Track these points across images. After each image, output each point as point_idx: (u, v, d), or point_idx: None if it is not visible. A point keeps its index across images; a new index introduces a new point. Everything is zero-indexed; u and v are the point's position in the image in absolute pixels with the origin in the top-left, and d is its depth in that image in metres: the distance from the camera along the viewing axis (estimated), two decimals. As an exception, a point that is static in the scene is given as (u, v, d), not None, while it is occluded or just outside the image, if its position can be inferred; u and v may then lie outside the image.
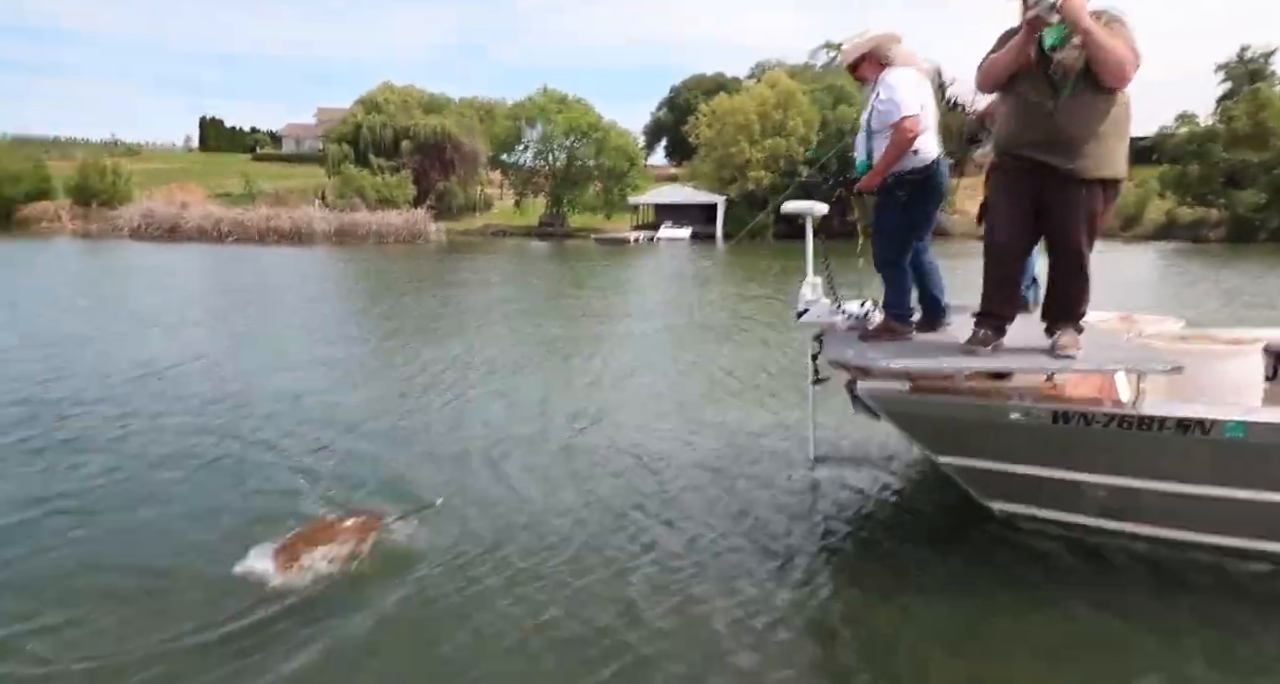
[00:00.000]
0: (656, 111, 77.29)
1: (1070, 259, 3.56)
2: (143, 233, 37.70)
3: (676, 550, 3.88)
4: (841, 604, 3.46)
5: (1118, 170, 3.46)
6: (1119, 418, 3.42)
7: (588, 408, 6.59)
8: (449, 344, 9.70)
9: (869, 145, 4.06)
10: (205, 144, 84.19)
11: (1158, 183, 43.93)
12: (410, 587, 3.45)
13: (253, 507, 4.36)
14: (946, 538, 4.04)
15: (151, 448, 5.41)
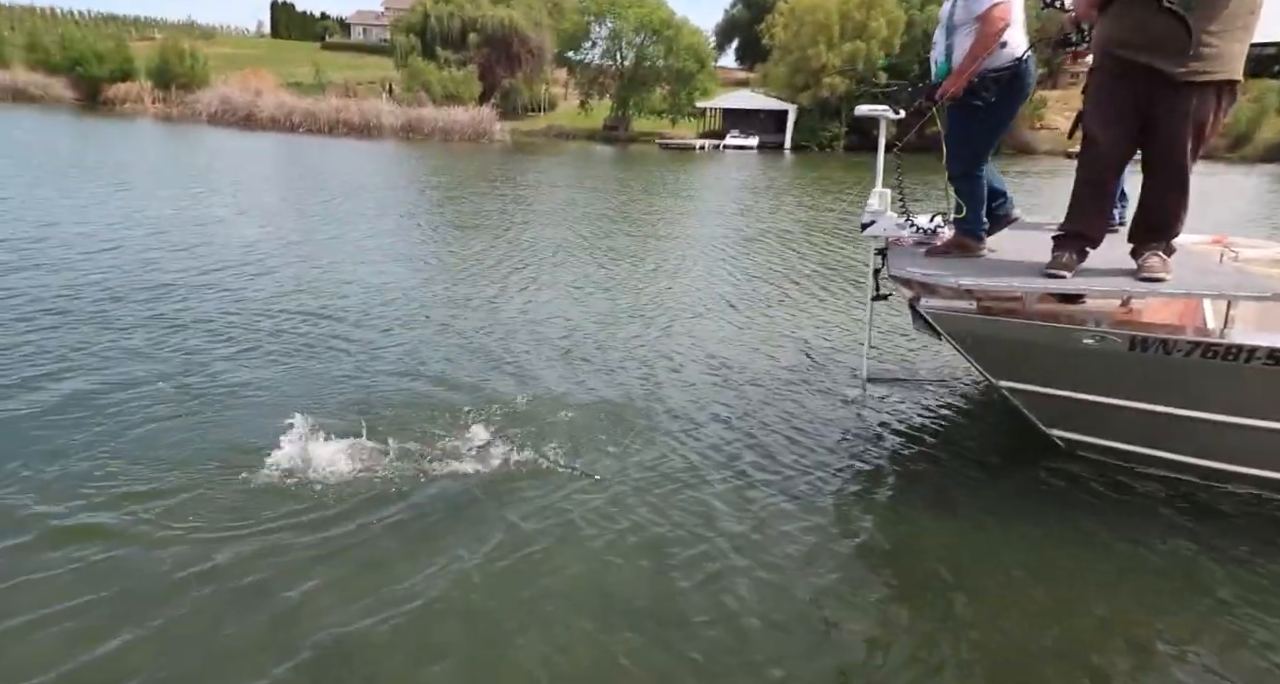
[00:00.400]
0: (731, 8, 73.36)
1: (1171, 172, 3.23)
2: (219, 119, 38.65)
3: (709, 461, 3.89)
4: (873, 532, 3.39)
5: (1234, 71, 3.08)
6: (1204, 346, 3.15)
7: (654, 315, 6.71)
8: (521, 247, 9.93)
9: (948, 42, 3.72)
10: (276, 29, 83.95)
11: (1277, 97, 40.23)
12: (483, 490, 3.53)
13: (342, 395, 4.61)
14: (1000, 465, 3.93)
15: (253, 333, 5.71)
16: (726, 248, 10.52)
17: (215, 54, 55.00)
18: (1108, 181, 3.46)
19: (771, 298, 7.59)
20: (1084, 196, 3.47)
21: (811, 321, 6.66)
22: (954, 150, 3.84)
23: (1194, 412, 3.46)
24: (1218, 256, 4.06)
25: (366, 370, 5.10)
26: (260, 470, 3.65)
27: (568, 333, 6.08)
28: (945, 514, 3.51)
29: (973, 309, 3.57)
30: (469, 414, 4.31)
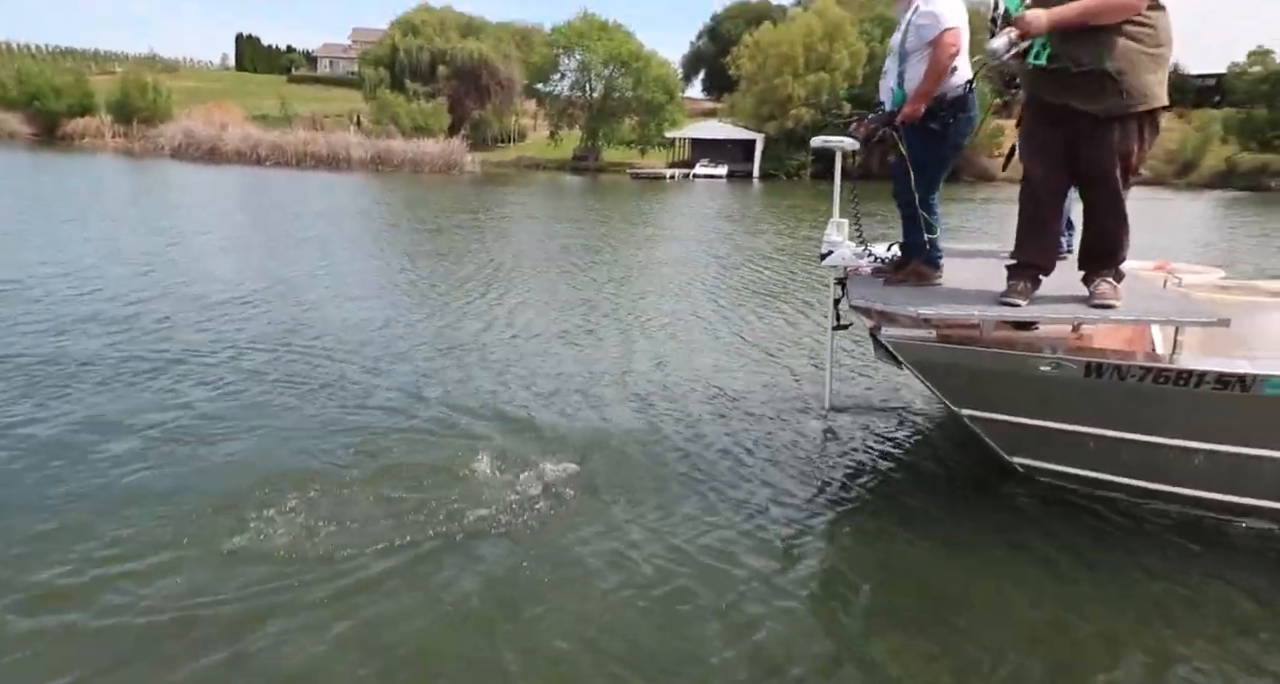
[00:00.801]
0: (696, 41, 74.87)
1: (1106, 202, 3.38)
2: (183, 153, 38.08)
3: (682, 496, 3.82)
4: (843, 561, 3.40)
5: (1153, 102, 3.20)
6: (1156, 372, 3.25)
7: (630, 348, 6.66)
8: (503, 280, 9.84)
9: (900, 69, 3.80)
10: (241, 63, 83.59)
11: (1220, 126, 41.96)
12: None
13: (336, 438, 4.43)
14: (963, 493, 3.92)
15: (243, 374, 5.54)
16: (699, 278, 10.53)
17: (179, 88, 54.45)
18: (1048, 213, 3.57)
19: (742, 328, 7.57)
20: (1029, 228, 3.58)
21: (780, 350, 6.64)
22: (907, 175, 3.87)
23: (1149, 436, 3.51)
24: (1161, 282, 4.15)
25: (362, 410, 4.93)
26: (252, 521, 3.44)
27: (552, 368, 5.96)
28: (914, 544, 3.48)
29: (932, 338, 3.62)
30: (461, 452, 4.20)
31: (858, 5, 48.39)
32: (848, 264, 4.36)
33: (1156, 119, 3.28)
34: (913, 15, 3.78)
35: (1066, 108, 3.26)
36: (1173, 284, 4.16)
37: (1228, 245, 15.54)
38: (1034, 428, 3.71)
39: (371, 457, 4.15)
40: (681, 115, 52.40)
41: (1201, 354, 3.57)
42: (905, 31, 3.80)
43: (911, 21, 3.77)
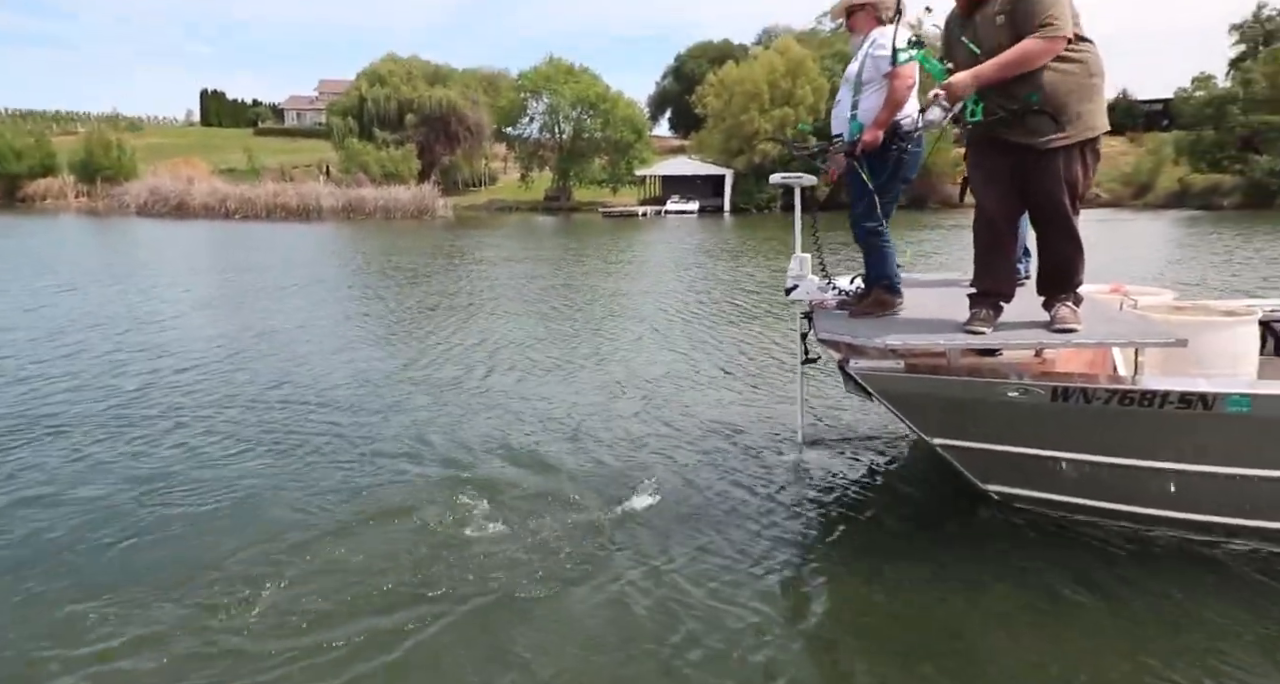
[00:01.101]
0: (661, 81, 76.36)
1: (1058, 229, 3.45)
2: (149, 209, 37.62)
3: (658, 533, 3.82)
4: (826, 594, 3.37)
5: (1093, 130, 3.33)
6: (1120, 393, 3.30)
7: (596, 386, 6.66)
8: (488, 323, 9.75)
9: (854, 98, 3.87)
10: (206, 118, 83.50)
11: (1172, 149, 43.35)
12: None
13: (336, 493, 4.37)
14: (939, 523, 3.91)
15: (239, 428, 5.49)
16: (676, 314, 10.50)
17: (143, 145, 54.16)
18: (1004, 241, 3.63)
19: (719, 360, 7.57)
20: (986, 257, 3.65)
21: (753, 386, 6.63)
22: (864, 206, 3.91)
23: (1118, 458, 3.52)
24: (1118, 305, 4.19)
25: (355, 463, 4.83)
26: (260, 590, 3.32)
27: (537, 412, 5.91)
28: (893, 578, 3.45)
29: (900, 368, 3.63)
30: (452, 502, 4.16)
31: (817, 43, 49.77)
32: (813, 298, 4.37)
33: (1097, 145, 3.38)
34: (869, 47, 3.83)
35: (1008, 141, 3.36)
36: (1128, 306, 4.21)
37: (1194, 265, 15.83)
38: (1005, 454, 3.72)
39: (363, 510, 4.11)
40: (650, 153, 53.11)
41: (1161, 374, 3.64)
42: (862, 62, 3.85)
43: (869, 53, 3.82)
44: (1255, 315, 3.99)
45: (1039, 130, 3.26)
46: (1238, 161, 38.75)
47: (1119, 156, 55.80)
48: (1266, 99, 37.82)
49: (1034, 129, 3.27)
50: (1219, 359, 3.75)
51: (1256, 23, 60.59)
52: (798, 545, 3.75)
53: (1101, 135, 3.37)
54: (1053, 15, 3.14)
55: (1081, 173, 3.35)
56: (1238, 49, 61.30)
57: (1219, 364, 3.74)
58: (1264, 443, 3.30)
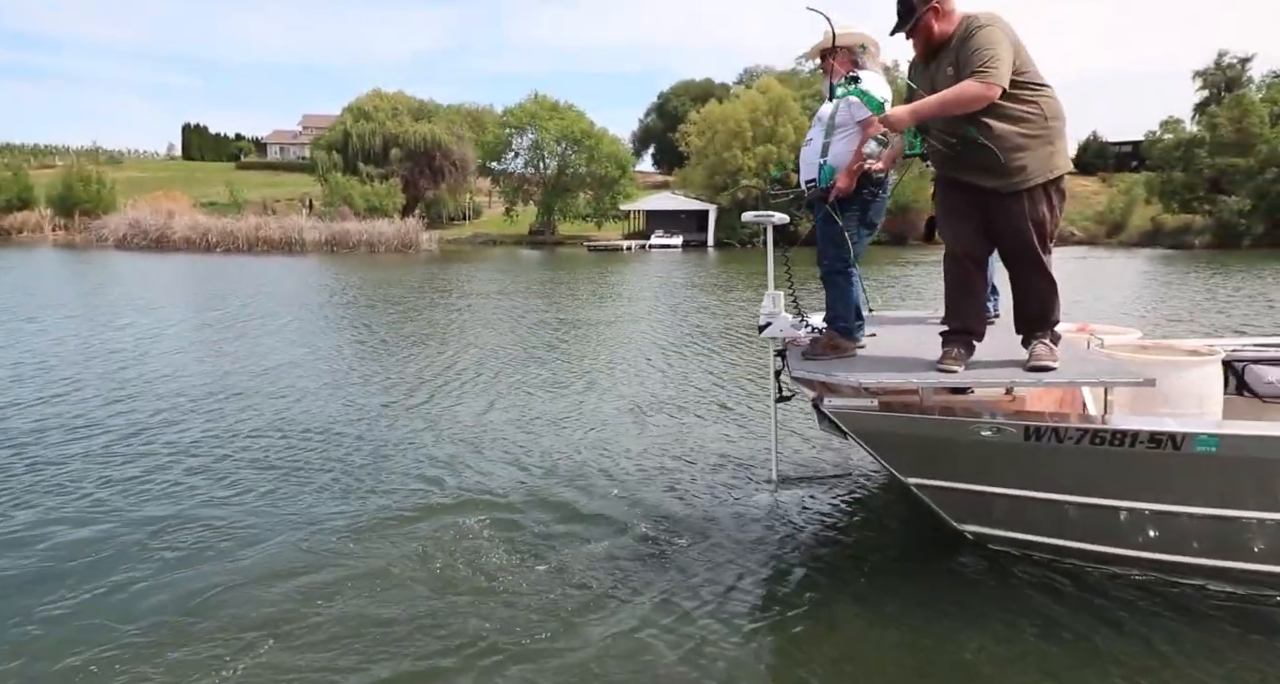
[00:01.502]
0: (645, 118, 77.56)
1: (1030, 269, 3.47)
2: (128, 243, 37.14)
3: (630, 576, 3.79)
4: (802, 636, 3.32)
5: (1055, 171, 3.38)
6: (1091, 433, 3.31)
7: (565, 422, 6.65)
8: (477, 358, 9.67)
9: (826, 141, 3.88)
10: (188, 152, 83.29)
11: (1143, 189, 44.57)
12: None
13: (332, 523, 4.39)
14: (915, 565, 3.88)
15: (237, 464, 5.48)
16: (661, 347, 10.49)
17: (123, 178, 53.78)
18: (972, 280, 3.65)
19: (694, 399, 7.56)
20: (957, 296, 3.67)
21: (731, 422, 6.63)
22: (833, 248, 3.93)
23: (1091, 498, 3.52)
24: (1085, 344, 4.21)
25: (363, 499, 4.83)
26: (266, 636, 3.26)
27: (522, 444, 6.04)
28: (869, 621, 3.43)
29: (874, 407, 3.62)
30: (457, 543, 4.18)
31: (798, 83, 50.87)
32: (786, 335, 4.35)
33: (1061, 185, 3.42)
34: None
35: (972, 184, 3.39)
36: (1095, 345, 4.22)
37: (1178, 303, 16.07)
38: (979, 494, 3.70)
39: (362, 547, 4.10)
40: (635, 188, 53.64)
41: (1130, 413, 3.67)
42: (837, 105, 3.86)
43: (845, 98, 3.80)
44: (1218, 356, 4.04)
45: (996, 173, 3.30)
46: (1206, 202, 39.90)
47: (1091, 196, 57.37)
48: (1232, 142, 39.09)
49: (991, 170, 3.30)
50: (1185, 399, 3.80)
51: (1218, 69, 63.11)
52: (769, 587, 3.71)
53: (1065, 175, 3.42)
54: (987, 62, 3.19)
55: (1048, 213, 3.39)
56: (1202, 94, 63.78)
57: (1185, 404, 3.79)
58: (1232, 483, 3.31)
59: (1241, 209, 37.98)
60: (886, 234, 44.70)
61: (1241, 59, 62.10)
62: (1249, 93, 42.93)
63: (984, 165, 3.32)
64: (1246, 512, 3.33)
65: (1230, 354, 4.34)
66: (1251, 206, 37.86)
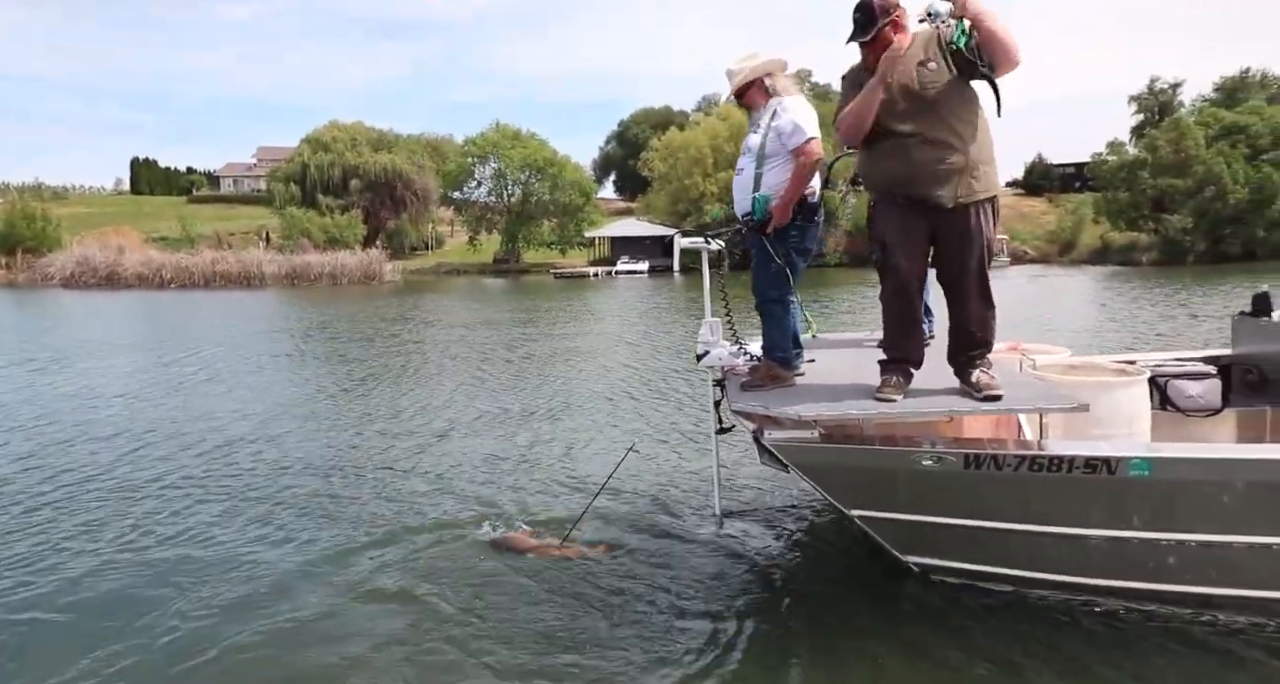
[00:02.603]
0: (605, 146, 78.16)
1: (975, 289, 3.45)
2: (76, 281, 35.76)
3: (566, 616, 3.72)
4: (744, 676, 3.25)
5: (998, 187, 3.48)
6: (1029, 459, 3.31)
7: (511, 455, 6.64)
8: (412, 393, 9.52)
9: (758, 171, 3.80)
10: (137, 186, 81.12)
11: (1090, 209, 46.16)
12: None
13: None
14: (861, 598, 3.81)
15: (210, 501, 5.32)
16: (617, 375, 10.46)
17: (68, 214, 52.03)
18: (914, 304, 3.61)
19: (650, 429, 7.48)
20: (898, 322, 3.62)
21: (683, 454, 6.56)
22: (768, 277, 3.86)
23: (1033, 526, 3.49)
24: (1017, 365, 4.19)
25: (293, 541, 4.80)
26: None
27: (467, 483, 5.95)
28: (813, 654, 3.39)
29: (815, 438, 3.53)
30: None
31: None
32: (725, 364, 4.24)
33: (997, 204, 3.45)
34: (773, 119, 3.79)
35: (923, 201, 3.35)
36: (1027, 365, 4.23)
37: (1138, 318, 16.57)
38: (923, 524, 3.66)
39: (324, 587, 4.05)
40: (599, 215, 53.71)
41: (1064, 435, 3.67)
42: (765, 135, 3.80)
43: (772, 125, 3.78)
44: (1145, 374, 4.09)
45: (957, 178, 3.29)
46: (1151, 220, 41.46)
47: (1040, 216, 59.26)
48: (1171, 163, 40.79)
49: (952, 176, 3.29)
50: (1117, 419, 3.82)
51: (1151, 94, 66.32)
52: (711, 626, 3.62)
53: (998, 198, 3.47)
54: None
55: (992, 231, 3.42)
56: (1137, 118, 66.68)
57: (1117, 424, 3.80)
58: (1164, 506, 3.32)
59: (1184, 227, 39.53)
60: (848, 256, 45.58)
61: (1172, 85, 65.48)
62: (1184, 117, 44.94)
63: (937, 177, 3.29)
64: (1182, 534, 3.34)
65: (1153, 370, 4.39)
66: (1194, 224, 39.45)
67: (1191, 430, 4.29)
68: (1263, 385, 4.42)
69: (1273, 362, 4.40)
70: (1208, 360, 4.68)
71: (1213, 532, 3.31)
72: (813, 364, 4.15)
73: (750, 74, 3.85)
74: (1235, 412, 4.38)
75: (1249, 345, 4.59)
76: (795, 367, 3.98)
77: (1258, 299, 4.54)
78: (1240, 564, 3.35)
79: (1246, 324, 4.63)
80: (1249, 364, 4.53)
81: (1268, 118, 41.22)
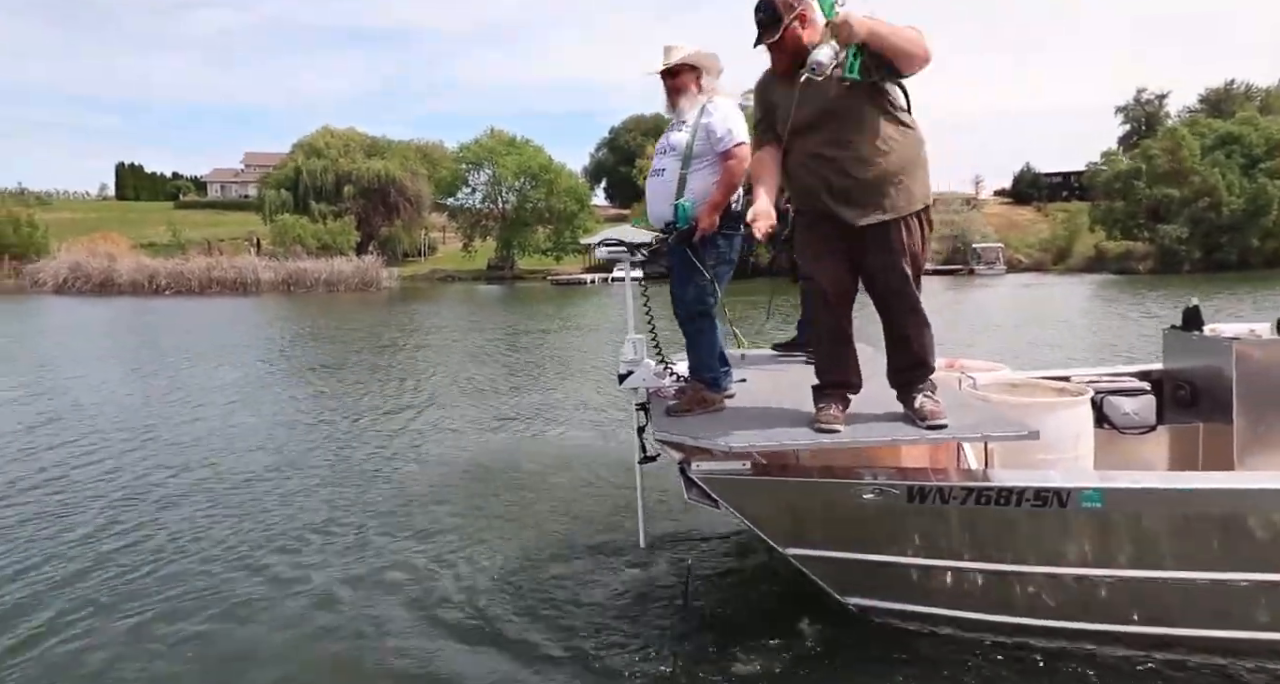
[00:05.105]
0: (595, 153, 77.99)
1: (906, 308, 3.21)
2: (69, 288, 35.01)
3: (471, 659, 3.47)
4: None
5: (922, 201, 3.18)
6: (977, 491, 3.10)
7: (457, 474, 6.34)
8: (413, 416, 8.99)
9: (682, 173, 3.50)
10: (122, 192, 79.95)
11: (1087, 218, 46.64)
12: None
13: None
14: (797, 645, 3.50)
15: (235, 508, 5.28)
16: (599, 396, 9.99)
17: (53, 220, 51.06)
18: (846, 327, 3.35)
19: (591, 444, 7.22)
20: (831, 345, 3.34)
21: (602, 478, 6.15)
22: (692, 289, 3.55)
23: (982, 563, 3.27)
24: (956, 383, 4.00)
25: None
26: None
27: (470, 490, 5.90)
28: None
29: (747, 470, 3.24)
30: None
31: (746, 114, 51.78)
32: (650, 385, 3.85)
33: (929, 214, 3.21)
34: (701, 117, 3.51)
35: (839, 216, 3.10)
36: (967, 384, 4.05)
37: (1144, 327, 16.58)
38: (863, 563, 3.39)
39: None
40: (594, 222, 53.51)
41: (1007, 460, 3.51)
42: (694, 133, 3.50)
43: (701, 123, 3.50)
44: (1088, 394, 3.92)
45: (876, 194, 3.04)
46: (1146, 229, 41.92)
47: (1030, 225, 59.86)
48: (1166, 173, 41.28)
49: (864, 205, 3.04)
50: (1062, 442, 3.66)
51: (1138, 104, 67.33)
52: (633, 669, 3.36)
53: (929, 208, 3.22)
54: (915, 28, 2.94)
55: (920, 243, 3.16)
56: (1124, 128, 67.61)
57: (1063, 446, 3.65)
58: (1118, 539, 3.13)
59: (1180, 236, 39.98)
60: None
61: (1159, 95, 66.57)
62: (1180, 127, 45.53)
63: (859, 188, 3.03)
64: (1140, 571, 3.14)
65: (1089, 385, 4.21)
66: (1189, 233, 39.91)
67: (1126, 449, 4.11)
68: (1194, 401, 4.24)
69: (1204, 377, 4.20)
70: (1140, 375, 4.53)
71: (1175, 568, 3.11)
72: (743, 384, 3.84)
73: (693, 58, 3.56)
74: (1168, 428, 4.22)
75: (1179, 360, 4.43)
76: (725, 388, 3.67)
77: (1188, 313, 4.37)
78: (1202, 602, 3.14)
79: (1177, 338, 4.44)
80: (1180, 379, 4.36)
81: (1261, 128, 41.87)
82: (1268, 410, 3.86)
